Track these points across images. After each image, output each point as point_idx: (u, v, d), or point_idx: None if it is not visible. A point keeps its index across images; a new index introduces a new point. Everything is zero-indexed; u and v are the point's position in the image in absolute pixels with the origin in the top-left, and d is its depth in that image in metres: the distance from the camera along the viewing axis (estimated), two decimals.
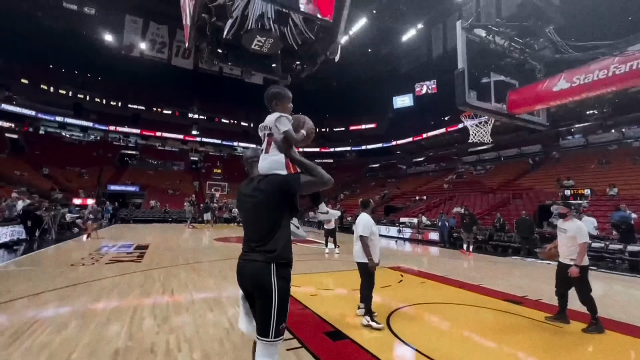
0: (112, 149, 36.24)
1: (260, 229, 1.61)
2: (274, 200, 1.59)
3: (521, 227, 10.01)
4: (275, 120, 1.72)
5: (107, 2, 25.44)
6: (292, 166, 1.71)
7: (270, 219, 1.60)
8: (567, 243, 3.54)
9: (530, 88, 2.80)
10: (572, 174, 16.51)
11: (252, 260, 1.59)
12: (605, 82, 2.32)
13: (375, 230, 3.73)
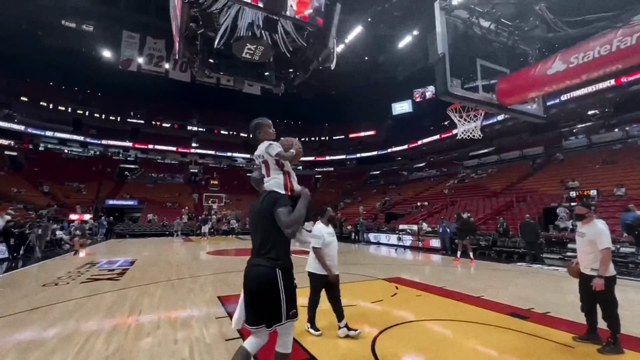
0: (111, 164, 36.23)
1: (263, 237, 1.93)
2: (271, 214, 1.89)
3: (525, 232, 9.52)
4: (265, 149, 2.04)
5: (104, 18, 25.72)
6: (290, 185, 2.02)
7: (270, 229, 1.90)
8: (586, 249, 3.07)
9: (522, 74, 2.45)
10: (577, 175, 16.03)
11: (257, 265, 1.90)
12: (608, 59, 1.97)
13: (330, 240, 3.45)
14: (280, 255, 1.88)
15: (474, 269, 8.16)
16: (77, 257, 9.79)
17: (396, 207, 24.47)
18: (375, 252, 12.72)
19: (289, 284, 1.87)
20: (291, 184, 2.01)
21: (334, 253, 3.50)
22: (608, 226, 3.09)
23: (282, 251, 1.89)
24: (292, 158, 2.03)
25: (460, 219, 9.84)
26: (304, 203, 1.97)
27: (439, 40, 2.42)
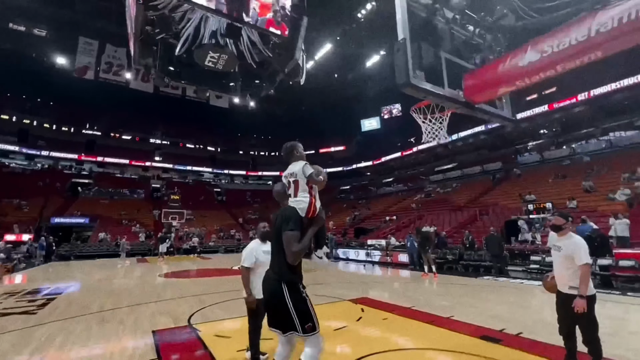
0: (61, 178, 33.20)
1: (276, 251, 2.07)
2: (281, 230, 1.97)
3: (490, 245, 9.60)
4: (302, 167, 2.10)
5: (58, 23, 24.04)
6: (313, 209, 2.07)
7: (280, 244, 1.99)
8: (563, 265, 2.77)
9: (491, 67, 2.22)
10: (533, 189, 16.85)
11: (268, 278, 2.08)
12: (587, 46, 1.76)
13: (264, 260, 3.02)
14: (287, 270, 1.95)
15: (443, 285, 7.95)
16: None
17: (365, 221, 24.38)
18: (344, 269, 12.27)
19: (297, 297, 1.92)
20: (315, 209, 2.07)
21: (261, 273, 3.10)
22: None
23: (290, 265, 1.95)
24: (319, 184, 2.09)
25: (420, 233, 9.75)
26: (313, 230, 2.02)
27: (400, 25, 2.12)
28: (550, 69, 1.96)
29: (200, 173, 43.27)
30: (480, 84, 2.22)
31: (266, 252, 3.13)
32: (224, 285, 8.09)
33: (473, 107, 2.39)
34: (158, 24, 10.39)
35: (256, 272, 3.03)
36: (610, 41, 1.67)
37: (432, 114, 3.16)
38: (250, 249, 3.10)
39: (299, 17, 13.11)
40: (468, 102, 2.33)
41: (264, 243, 3.19)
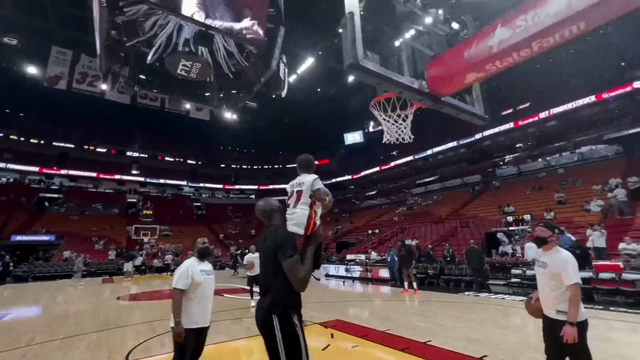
0: (28, 193, 31.25)
1: (265, 277, 1.89)
2: (272, 255, 1.80)
3: (471, 258, 9.33)
4: (314, 180, 2.01)
5: (30, 31, 23.12)
6: (312, 223, 1.93)
7: (269, 270, 1.83)
8: (549, 285, 2.37)
9: (456, 51, 1.91)
10: (511, 201, 16.98)
11: (260, 307, 1.83)
12: (568, 17, 1.47)
13: (201, 280, 2.63)
14: (279, 299, 1.78)
15: (423, 303, 7.55)
16: None
17: (348, 235, 23.96)
18: (322, 287, 11.70)
19: (290, 331, 1.74)
20: (314, 224, 1.93)
21: (206, 298, 2.68)
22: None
23: (282, 294, 1.78)
24: (324, 203, 1.97)
25: (404, 246, 9.39)
26: (312, 249, 1.88)
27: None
28: (524, 47, 1.66)
29: (179, 187, 41.99)
30: (446, 72, 1.90)
31: (204, 272, 2.68)
32: None
33: (439, 100, 2.07)
34: (124, 29, 9.95)
35: (191, 296, 2.57)
36: (595, 9, 1.38)
37: (395, 111, 2.84)
38: (185, 268, 2.62)
39: (276, 27, 12.91)
40: (433, 94, 2.01)
41: (202, 262, 2.76)
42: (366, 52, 1.78)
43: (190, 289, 2.56)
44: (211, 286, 2.76)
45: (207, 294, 2.70)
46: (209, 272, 2.74)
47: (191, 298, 2.57)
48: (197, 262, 2.72)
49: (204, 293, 2.66)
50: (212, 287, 2.77)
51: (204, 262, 2.77)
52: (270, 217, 2.01)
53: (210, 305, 2.73)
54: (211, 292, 2.76)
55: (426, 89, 2.03)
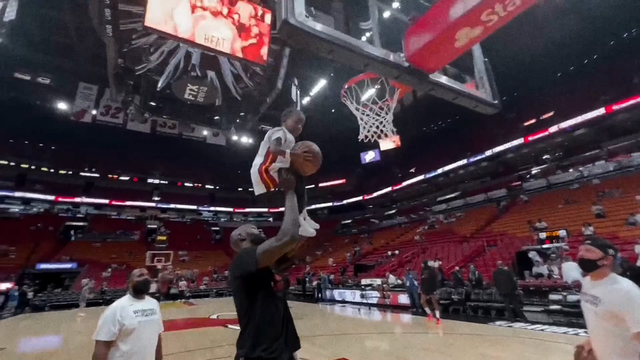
0: (55, 222, 32.50)
1: (237, 314, 1.51)
2: (236, 281, 1.52)
3: (500, 281, 8.26)
4: (271, 132, 1.73)
5: (60, 71, 24.84)
6: (268, 178, 1.64)
7: (237, 303, 1.50)
8: (604, 328, 1.63)
9: (441, 5, 1.38)
10: (542, 216, 15.60)
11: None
12: None
13: (135, 325, 2.01)
14: (250, 342, 1.39)
15: (446, 336, 6.60)
16: None
17: (366, 257, 22.86)
18: (335, 315, 10.82)
19: None
20: (268, 174, 1.60)
21: (144, 349, 2.04)
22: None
23: (252, 335, 1.40)
24: (282, 156, 1.61)
25: (427, 269, 8.49)
26: (290, 200, 1.54)
27: None
28: None
29: (198, 212, 42.58)
30: (430, 36, 1.38)
31: (140, 312, 2.06)
32: (178, 343, 6.82)
33: (425, 79, 1.55)
34: (129, 57, 10.25)
35: (123, 349, 1.94)
36: None
37: (374, 104, 2.28)
38: (111, 312, 2.00)
39: (281, 48, 12.91)
40: (416, 68, 1.50)
41: (139, 299, 2.16)
42: (311, 8, 1.31)
43: (120, 338, 1.94)
44: (153, 331, 2.14)
45: (145, 344, 2.06)
46: (148, 312, 2.12)
47: (123, 352, 1.93)
48: (132, 300, 2.13)
49: (142, 342, 2.02)
50: (154, 332, 2.15)
51: (143, 298, 2.18)
52: (237, 246, 1.71)
53: (149, 356, 2.08)
54: (153, 340, 2.13)
55: (405, 63, 1.51)
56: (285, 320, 1.51)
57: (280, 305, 1.53)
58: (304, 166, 1.67)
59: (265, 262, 1.44)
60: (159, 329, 2.20)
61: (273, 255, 1.45)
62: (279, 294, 1.54)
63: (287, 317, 1.54)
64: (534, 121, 25.99)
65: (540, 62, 24.15)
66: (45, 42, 21.15)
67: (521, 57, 22.54)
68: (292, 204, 1.53)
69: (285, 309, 1.56)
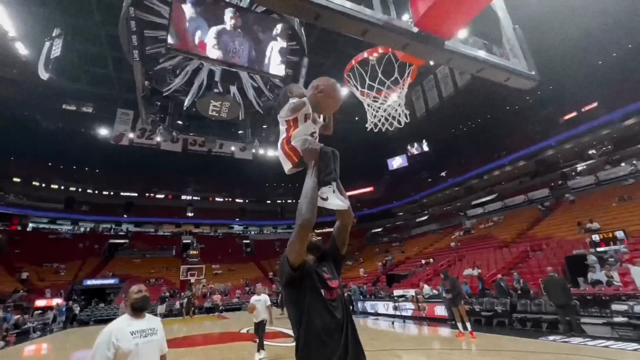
0: (100, 240, 34.70)
1: (292, 327, 1.42)
2: (284, 294, 1.48)
3: (552, 290, 7.37)
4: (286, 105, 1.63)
5: (102, 99, 26.89)
6: (289, 150, 1.55)
7: (290, 316, 1.41)
8: None
9: None
10: (594, 216, 14.13)
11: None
12: None
13: (131, 348, 1.84)
14: (300, 355, 1.30)
15: (489, 354, 5.93)
16: None
17: (399, 266, 21.96)
18: (367, 328, 10.29)
19: None
20: (291, 146, 1.51)
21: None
22: None
23: (302, 349, 1.28)
24: (303, 107, 1.50)
25: (448, 279, 7.88)
26: (311, 173, 1.45)
27: None
28: None
29: (229, 226, 43.59)
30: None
31: (138, 333, 1.89)
32: (204, 358, 6.72)
33: (440, 47, 1.28)
34: (154, 78, 10.71)
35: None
36: None
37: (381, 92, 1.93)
38: (106, 335, 1.85)
39: (299, 59, 12.96)
40: (427, 35, 1.23)
41: (137, 318, 2.00)
42: None
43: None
44: (153, 352, 1.98)
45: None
46: (147, 333, 1.97)
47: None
48: (130, 320, 1.99)
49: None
50: (154, 353, 1.99)
51: (142, 317, 2.03)
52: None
53: None
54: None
55: (414, 28, 1.26)
56: (346, 331, 1.35)
57: (338, 314, 1.37)
58: (322, 103, 1.53)
59: (292, 257, 1.36)
60: (160, 349, 2.03)
61: (294, 247, 1.37)
62: (333, 303, 1.40)
63: (349, 328, 1.38)
64: (575, 114, 24.08)
65: (577, 51, 22.44)
66: (86, 74, 22.98)
67: (556, 49, 21.10)
68: (310, 184, 1.43)
69: (347, 318, 1.40)
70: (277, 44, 10.43)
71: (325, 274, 1.46)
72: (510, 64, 1.42)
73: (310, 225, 1.36)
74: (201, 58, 9.39)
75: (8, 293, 20.47)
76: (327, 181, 1.49)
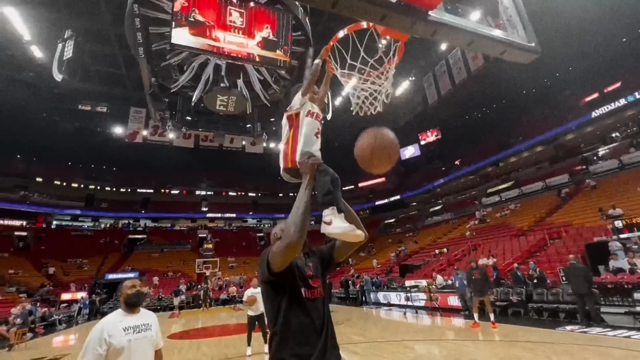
0: (120, 235, 35.89)
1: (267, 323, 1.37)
2: (262, 289, 1.39)
3: (573, 279, 7.10)
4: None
5: (116, 98, 27.44)
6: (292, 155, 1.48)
7: (266, 310, 1.35)
8: None
9: None
10: (617, 202, 13.52)
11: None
12: None
13: (123, 344, 1.80)
14: (274, 351, 1.24)
15: (505, 345, 5.79)
16: (10, 354, 8.03)
17: (412, 257, 21.77)
18: (379, 319, 10.26)
19: None
20: (293, 157, 1.44)
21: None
22: None
23: (275, 348, 1.23)
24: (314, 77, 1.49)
25: (477, 269, 7.67)
26: (305, 186, 1.33)
27: None
28: None
29: (244, 219, 44.18)
30: None
31: (133, 328, 1.86)
32: (216, 349, 6.86)
33: (424, 18, 1.16)
34: (160, 73, 10.79)
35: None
36: None
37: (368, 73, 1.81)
38: (97, 331, 1.81)
39: (305, 49, 12.77)
40: (407, 5, 1.12)
41: (131, 313, 1.97)
42: None
43: (109, 358, 1.77)
44: (146, 348, 1.94)
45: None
46: (140, 328, 1.93)
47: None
48: (122, 315, 1.95)
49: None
50: (148, 349, 1.95)
51: (136, 313, 2.00)
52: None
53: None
54: (147, 359, 1.93)
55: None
56: (325, 334, 1.27)
57: (316, 315, 1.29)
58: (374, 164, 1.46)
59: (274, 265, 1.26)
60: (155, 345, 2.02)
61: (276, 259, 1.26)
62: (314, 302, 1.32)
63: (328, 331, 1.29)
64: (596, 95, 22.95)
65: (599, 28, 21.22)
66: (99, 74, 23.40)
67: (576, 26, 20.01)
68: (303, 199, 1.29)
69: (326, 320, 1.31)
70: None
71: (308, 271, 1.38)
72: (505, 35, 1.29)
73: (298, 249, 1.24)
74: (204, 52, 9.39)
75: (36, 287, 21.51)
76: (327, 202, 1.36)
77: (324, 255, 1.54)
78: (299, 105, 1.53)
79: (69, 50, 16.73)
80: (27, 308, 9.75)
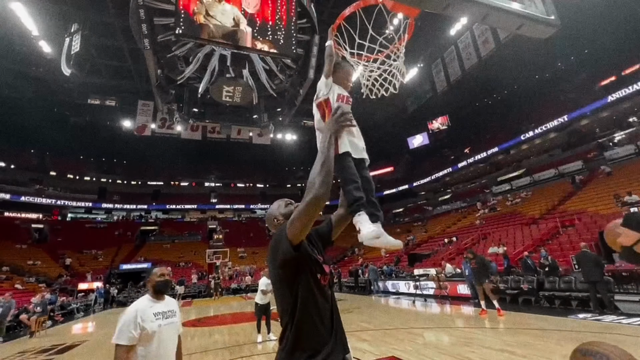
0: (132, 227, 36.66)
1: (279, 313, 1.27)
2: (275, 275, 1.27)
3: (585, 266, 6.99)
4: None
5: (124, 92, 27.64)
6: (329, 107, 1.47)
7: (279, 300, 1.26)
8: None
9: None
10: (632, 188, 13.15)
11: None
12: None
13: (155, 329, 1.85)
14: (289, 346, 1.15)
15: (514, 332, 5.76)
16: (31, 341, 8.36)
17: (421, 246, 21.71)
18: (388, 307, 10.32)
19: None
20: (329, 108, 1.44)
21: (164, 352, 1.89)
22: None
23: (293, 337, 1.15)
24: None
25: (475, 257, 7.65)
26: (325, 139, 1.29)
27: None
28: None
29: (253, 210, 44.60)
30: None
31: (162, 314, 1.90)
32: (229, 337, 6.99)
33: None
34: (166, 65, 10.76)
35: (142, 354, 1.81)
36: None
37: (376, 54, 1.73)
38: (131, 315, 1.86)
39: (311, 37, 12.54)
40: None
41: (159, 300, 2.01)
42: None
43: (141, 342, 1.81)
44: (173, 333, 2.01)
45: (166, 347, 1.93)
46: (167, 314, 1.98)
47: (143, 356, 1.81)
48: (152, 301, 1.99)
49: (162, 346, 1.90)
50: (174, 334, 2.03)
51: (163, 299, 2.04)
52: (272, 227, 1.51)
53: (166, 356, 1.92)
54: (173, 343, 2.00)
55: None
56: (335, 322, 1.25)
57: (330, 300, 1.28)
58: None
59: (294, 234, 1.17)
60: (178, 332, 2.08)
61: (300, 223, 1.17)
62: (326, 288, 1.28)
63: (337, 317, 1.27)
64: (613, 78, 22.11)
65: (616, 7, 20.30)
66: (106, 67, 23.52)
67: (591, 5, 19.17)
68: (325, 152, 1.24)
69: (334, 307, 1.29)
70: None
71: (319, 257, 1.34)
72: (523, 8, 1.20)
73: (323, 202, 1.17)
74: (209, 42, 9.31)
75: (54, 277, 22.26)
76: (354, 210, 1.34)
77: (321, 237, 1.48)
78: (326, 90, 1.49)
79: (76, 44, 16.78)
80: (46, 297, 10.09)
